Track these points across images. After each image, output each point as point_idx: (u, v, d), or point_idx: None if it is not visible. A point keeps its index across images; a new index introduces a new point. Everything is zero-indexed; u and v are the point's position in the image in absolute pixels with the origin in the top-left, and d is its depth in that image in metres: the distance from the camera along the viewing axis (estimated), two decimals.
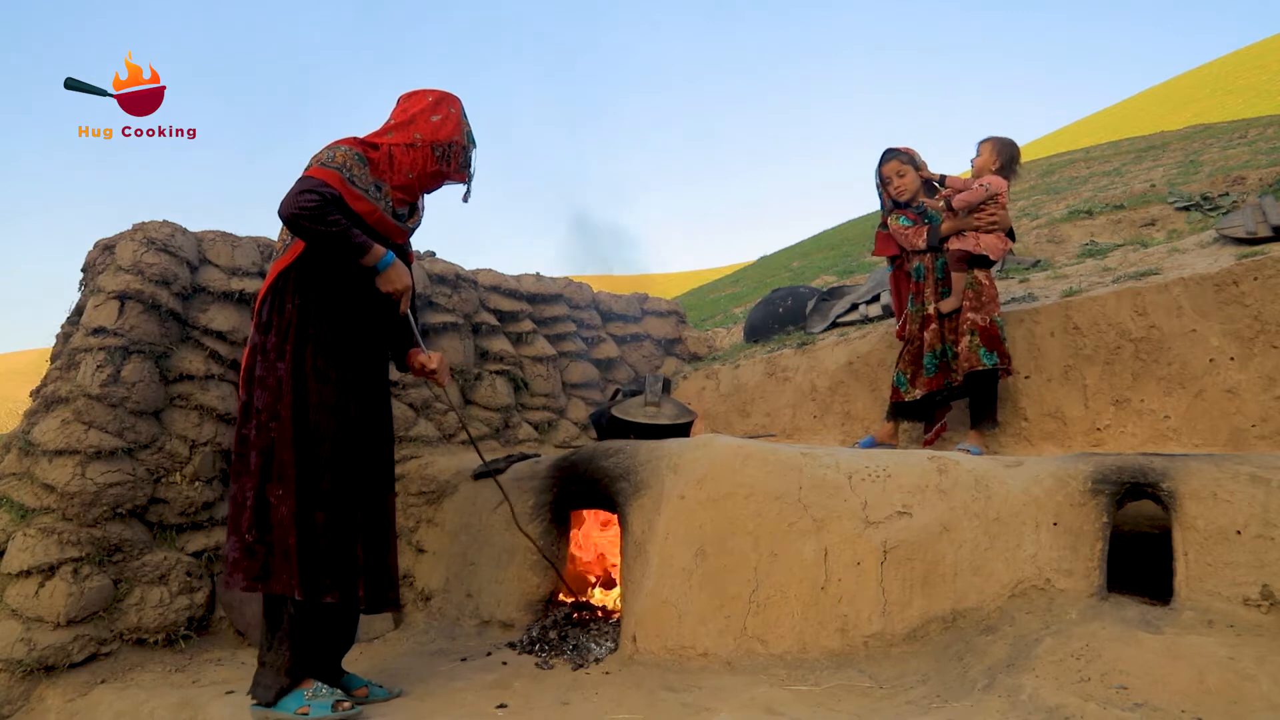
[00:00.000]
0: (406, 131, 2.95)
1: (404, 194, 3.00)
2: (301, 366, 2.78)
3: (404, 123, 2.97)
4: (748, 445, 3.33)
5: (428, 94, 3.02)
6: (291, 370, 2.77)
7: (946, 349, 3.97)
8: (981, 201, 3.93)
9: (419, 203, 3.13)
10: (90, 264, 4.12)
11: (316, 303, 2.83)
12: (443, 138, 2.97)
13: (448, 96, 3.04)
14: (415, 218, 3.13)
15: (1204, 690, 2.25)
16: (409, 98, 3.04)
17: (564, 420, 5.44)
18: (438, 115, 2.99)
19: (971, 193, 3.93)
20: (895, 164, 4.14)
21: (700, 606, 3.09)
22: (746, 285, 13.31)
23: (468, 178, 3.09)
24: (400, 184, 2.96)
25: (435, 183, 3.05)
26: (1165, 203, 7.00)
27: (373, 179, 2.89)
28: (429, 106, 2.99)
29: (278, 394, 2.76)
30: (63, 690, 3.29)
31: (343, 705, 2.71)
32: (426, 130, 2.96)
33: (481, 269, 5.30)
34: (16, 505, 3.57)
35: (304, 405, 2.77)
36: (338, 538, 2.77)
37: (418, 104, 3.00)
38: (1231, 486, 2.66)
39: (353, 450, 2.84)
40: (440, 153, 2.97)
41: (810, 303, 6.02)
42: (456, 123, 3.01)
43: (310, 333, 2.81)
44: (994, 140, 4.07)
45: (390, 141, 2.94)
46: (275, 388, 2.77)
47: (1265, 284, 3.63)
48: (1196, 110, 30.37)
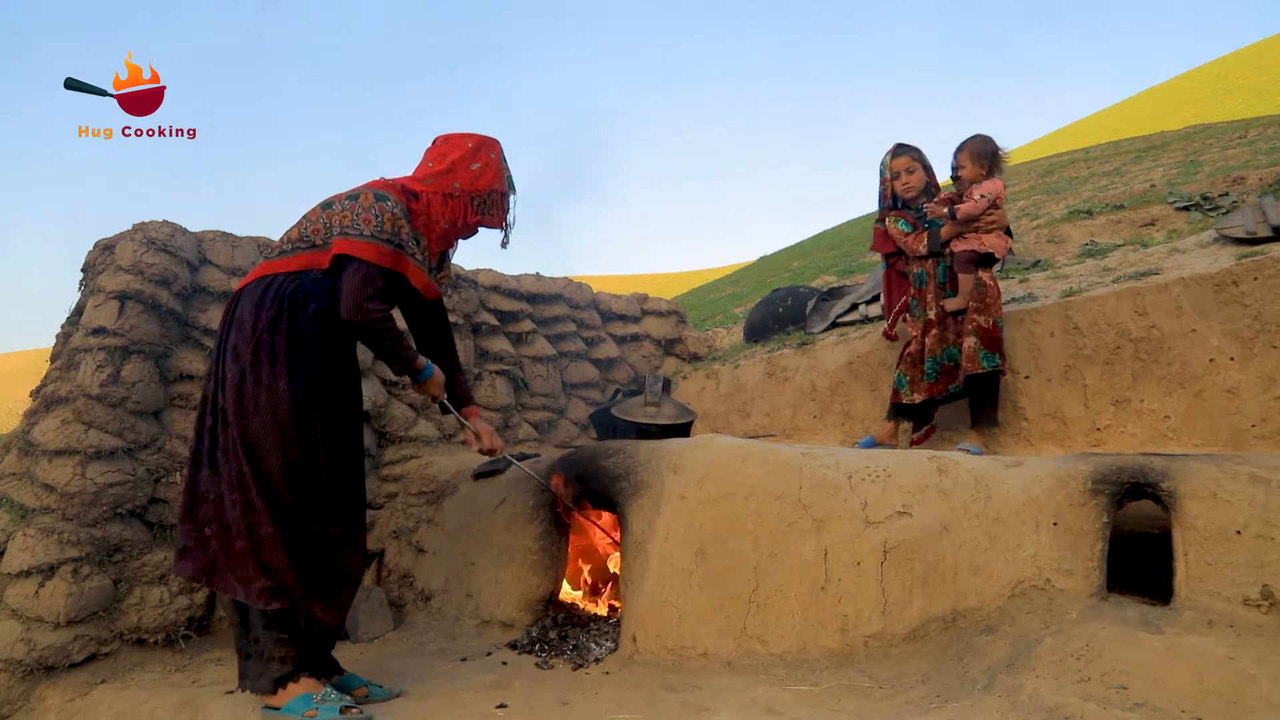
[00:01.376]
0: (445, 181, 2.91)
1: (441, 245, 2.99)
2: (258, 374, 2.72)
3: (443, 171, 2.92)
4: (748, 445, 3.33)
5: (467, 139, 2.97)
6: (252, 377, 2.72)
7: (950, 353, 3.97)
8: (985, 211, 3.94)
9: (451, 250, 3.12)
10: (90, 264, 4.12)
11: (311, 311, 2.79)
12: (482, 187, 2.93)
13: (487, 141, 2.99)
14: (446, 268, 3.13)
15: (1204, 690, 2.25)
16: (446, 142, 2.98)
17: (564, 420, 5.44)
18: (477, 163, 2.94)
19: (974, 205, 3.92)
20: (907, 159, 4.12)
21: (700, 606, 3.09)
22: (746, 285, 13.31)
23: (506, 225, 3.04)
24: (438, 235, 2.93)
25: (471, 232, 3.03)
26: (1165, 203, 7.01)
27: (415, 233, 2.87)
28: (469, 154, 2.94)
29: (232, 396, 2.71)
30: (63, 690, 3.29)
31: (351, 711, 2.68)
32: (466, 180, 2.91)
33: (481, 269, 5.30)
34: (16, 505, 3.57)
35: (274, 412, 2.71)
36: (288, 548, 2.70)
37: (456, 150, 2.94)
38: (1231, 486, 2.66)
39: (316, 464, 2.78)
40: (479, 203, 2.94)
41: (810, 303, 6.02)
42: (496, 170, 2.96)
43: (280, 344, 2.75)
44: (969, 148, 4.02)
45: (429, 190, 2.89)
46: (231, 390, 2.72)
47: (1265, 284, 3.63)
48: (1196, 110, 30.37)
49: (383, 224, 2.76)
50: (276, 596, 2.68)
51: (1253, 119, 12.83)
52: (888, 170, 4.17)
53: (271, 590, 2.68)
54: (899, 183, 4.13)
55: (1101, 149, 14.01)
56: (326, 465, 2.83)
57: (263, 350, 2.72)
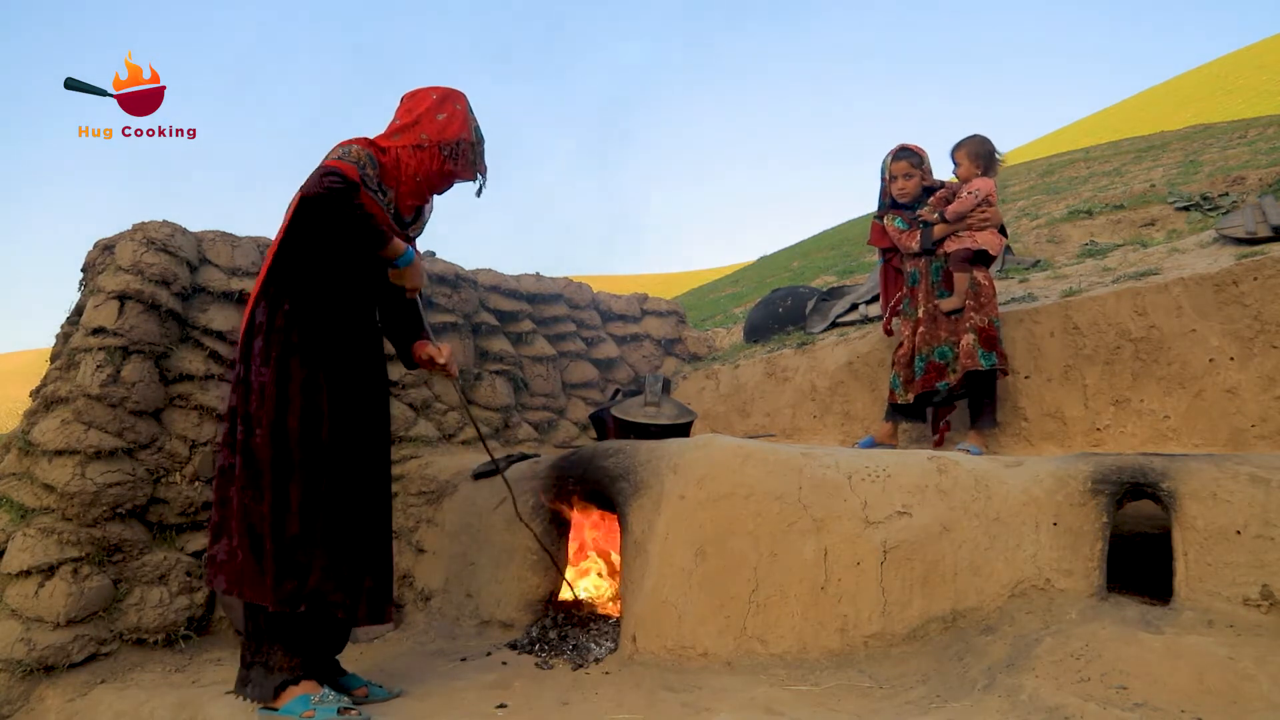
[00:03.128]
0: (413, 133, 2.90)
1: (413, 199, 2.96)
2: (286, 373, 2.74)
3: (409, 124, 2.91)
4: (748, 445, 3.33)
5: (431, 92, 2.96)
6: (276, 378, 2.73)
7: (941, 350, 3.98)
8: (974, 208, 3.98)
9: (427, 206, 3.10)
10: (90, 264, 4.12)
11: (308, 306, 2.80)
12: (450, 136, 2.91)
13: (452, 93, 2.97)
14: (419, 224, 3.09)
15: (1204, 690, 2.25)
16: (412, 97, 2.98)
17: (564, 420, 5.44)
18: (443, 114, 2.93)
19: (962, 202, 3.99)
20: (905, 164, 4.16)
21: (700, 606, 3.09)
22: (746, 285, 13.32)
23: (478, 174, 3.03)
24: (409, 189, 2.92)
25: (445, 183, 3.00)
26: (1165, 203, 7.01)
27: (382, 183, 2.87)
28: (434, 105, 2.93)
29: (261, 400, 2.73)
30: (62, 690, 3.29)
31: (349, 712, 2.68)
32: (433, 130, 2.90)
33: (481, 269, 5.30)
34: (16, 505, 3.57)
35: (285, 414, 2.72)
36: (312, 549, 2.71)
37: (422, 103, 2.94)
38: (1231, 486, 2.66)
39: (339, 462, 2.79)
40: (448, 152, 2.91)
41: (810, 303, 6.02)
42: (464, 120, 2.95)
43: (296, 339, 2.77)
44: (965, 147, 4.09)
45: (397, 144, 2.89)
46: (260, 393, 2.74)
47: (1265, 284, 3.63)
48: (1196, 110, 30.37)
49: (349, 152, 2.78)
50: (301, 600, 2.69)
51: (1253, 119, 12.83)
52: (888, 171, 4.21)
53: (293, 593, 2.68)
54: (895, 186, 4.18)
55: (1101, 149, 14.00)
56: (359, 461, 2.84)
57: (286, 348, 2.75)
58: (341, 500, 2.79)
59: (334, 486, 2.78)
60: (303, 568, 2.70)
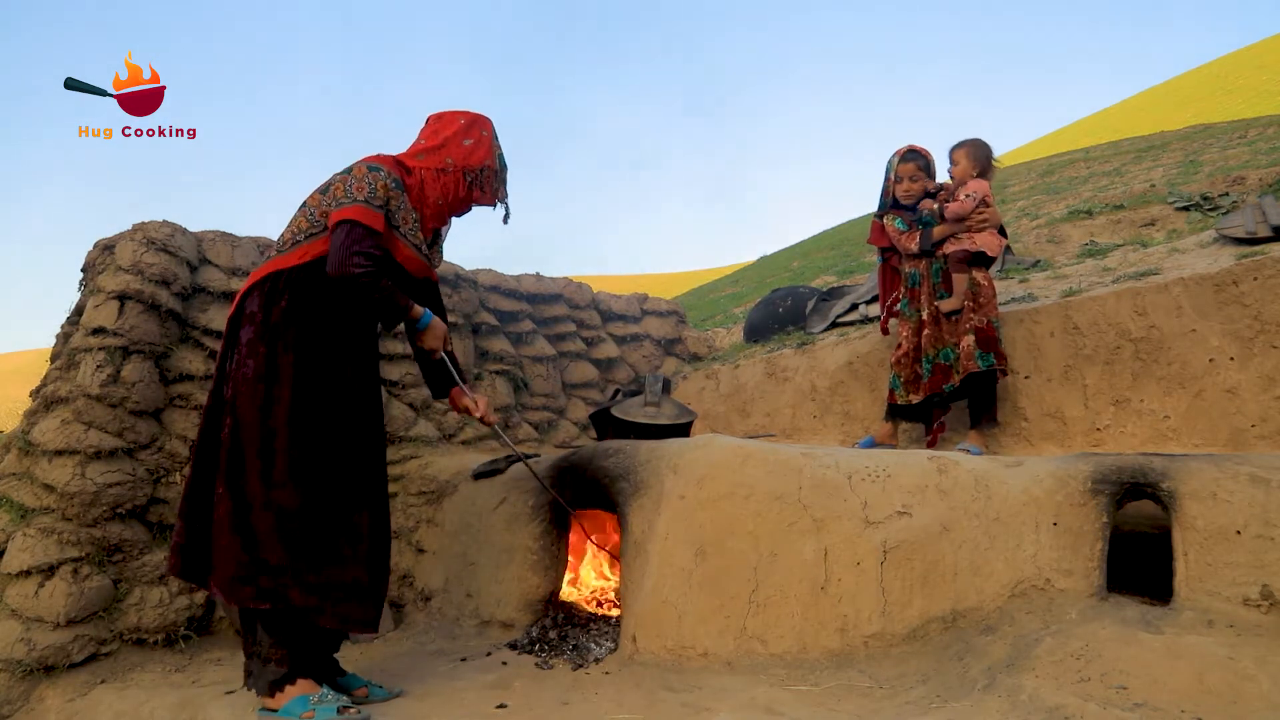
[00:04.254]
0: (438, 156, 2.92)
1: (434, 221, 3.00)
2: (275, 369, 2.73)
3: (435, 146, 2.93)
4: (748, 445, 3.34)
5: (459, 116, 2.98)
6: (265, 371, 2.72)
7: (946, 352, 3.98)
8: (972, 211, 3.99)
9: (444, 229, 3.13)
10: (90, 264, 4.12)
11: (309, 307, 2.79)
12: (474, 163, 2.94)
13: (479, 119, 3.00)
14: (438, 246, 3.13)
15: (1204, 690, 2.25)
16: (439, 119, 3.00)
17: (564, 420, 5.44)
18: (470, 139, 2.95)
19: (960, 204, 4.01)
20: (913, 166, 4.17)
21: (700, 606, 3.09)
22: (746, 285, 13.32)
23: (498, 201, 3.06)
24: (432, 212, 2.95)
25: (465, 207, 3.03)
26: (1165, 203, 7.01)
27: (409, 207, 2.89)
28: (461, 130, 2.95)
29: (237, 391, 2.72)
30: (63, 690, 3.29)
31: (348, 711, 2.67)
32: (459, 155, 2.93)
33: (481, 269, 5.30)
34: (16, 505, 3.57)
35: (269, 410, 2.71)
36: (284, 546, 2.68)
37: (449, 126, 2.96)
38: (1231, 486, 2.66)
39: (323, 461, 2.77)
40: (472, 178, 2.95)
41: (810, 303, 6.02)
42: (489, 146, 2.98)
43: (291, 336, 2.76)
44: (966, 147, 4.11)
45: (421, 165, 2.92)
46: (239, 383, 2.73)
47: (1265, 284, 3.63)
48: (1196, 110, 30.36)
49: (375, 190, 2.79)
50: (267, 598, 2.67)
51: (1253, 119, 12.83)
52: (894, 171, 4.21)
53: (263, 591, 2.67)
54: (900, 187, 4.18)
55: (1101, 149, 14.01)
56: (347, 458, 2.83)
57: (278, 343, 2.74)
58: (323, 504, 2.76)
59: (318, 489, 2.75)
60: (269, 569, 2.67)
